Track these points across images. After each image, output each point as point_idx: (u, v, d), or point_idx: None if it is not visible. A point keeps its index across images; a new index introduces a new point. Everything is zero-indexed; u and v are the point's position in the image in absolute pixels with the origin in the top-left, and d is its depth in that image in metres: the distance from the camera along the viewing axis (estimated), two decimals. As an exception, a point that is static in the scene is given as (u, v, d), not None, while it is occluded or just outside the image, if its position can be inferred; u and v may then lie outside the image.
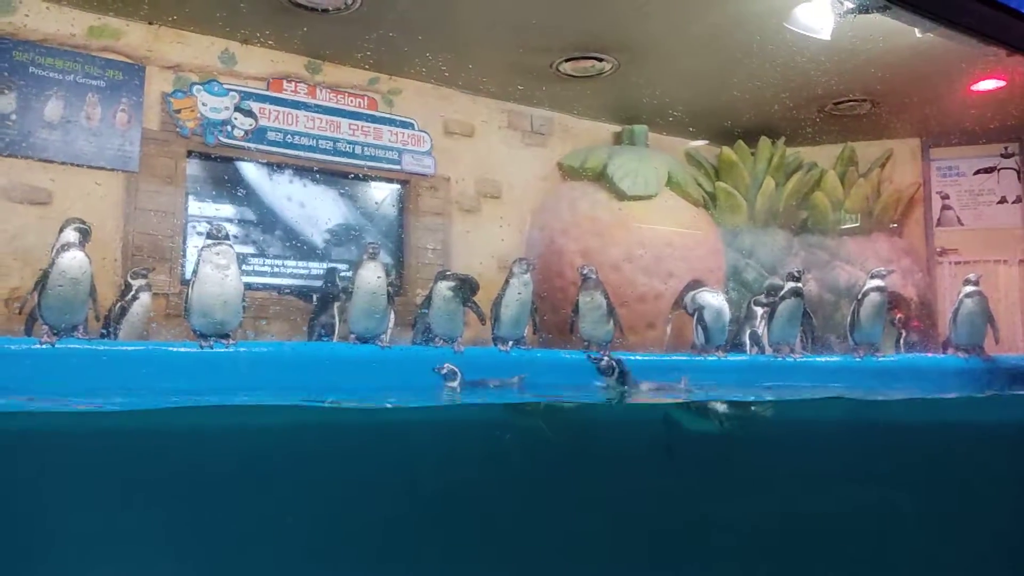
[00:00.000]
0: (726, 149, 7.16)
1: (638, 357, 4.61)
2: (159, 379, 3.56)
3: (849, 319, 5.44)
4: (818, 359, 5.36)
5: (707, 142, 7.28)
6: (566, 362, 4.63)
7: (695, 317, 5.28)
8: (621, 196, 6.37)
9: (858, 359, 5.25)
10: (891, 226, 7.40)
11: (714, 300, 5.19)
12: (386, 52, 5.79)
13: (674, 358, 5.14)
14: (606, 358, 4.16)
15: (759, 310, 5.81)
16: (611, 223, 6.30)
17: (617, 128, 7.15)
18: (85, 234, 3.88)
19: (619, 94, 6.53)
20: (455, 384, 3.96)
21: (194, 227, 5.37)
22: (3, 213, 4.75)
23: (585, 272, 4.94)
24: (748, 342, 5.52)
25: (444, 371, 3.98)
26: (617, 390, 4.10)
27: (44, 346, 3.55)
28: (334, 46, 5.74)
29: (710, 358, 4.96)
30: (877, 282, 5.37)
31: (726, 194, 7.04)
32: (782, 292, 5.28)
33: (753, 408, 4.30)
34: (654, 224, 6.32)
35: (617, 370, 4.10)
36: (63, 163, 4.92)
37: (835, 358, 5.64)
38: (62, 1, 4.93)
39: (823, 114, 6.94)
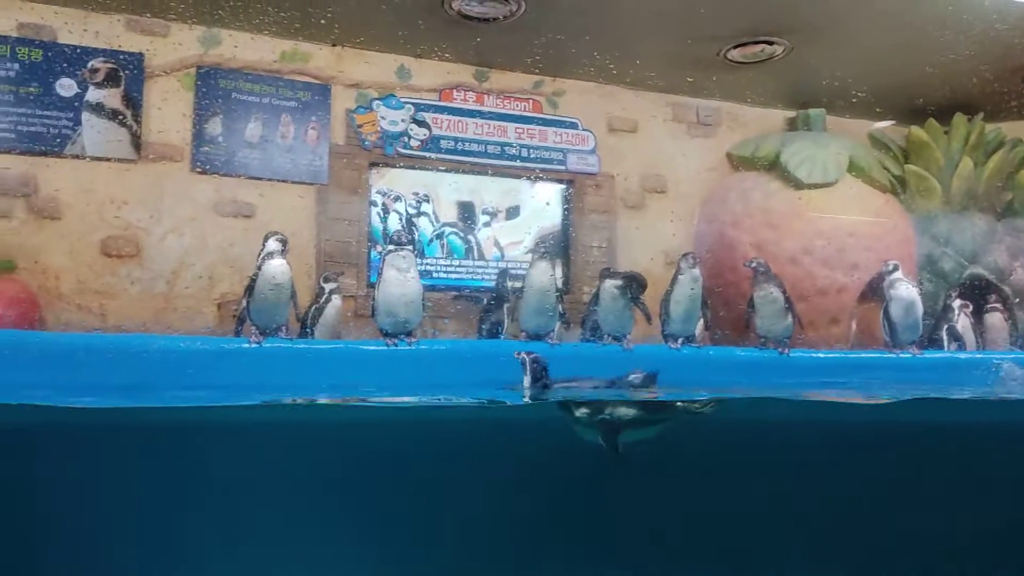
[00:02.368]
0: (915, 129, 6.60)
1: (820, 355, 4.39)
2: (352, 375, 3.85)
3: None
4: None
5: (893, 122, 6.76)
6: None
7: (882, 311, 4.93)
8: (798, 185, 6.05)
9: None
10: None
11: (904, 291, 4.81)
12: (549, 55, 5.89)
13: (860, 356, 4.81)
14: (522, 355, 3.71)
15: (957, 303, 5.34)
16: (787, 214, 6.00)
17: (791, 113, 6.81)
18: (284, 244, 4.26)
19: (792, 78, 6.21)
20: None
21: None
22: (214, 226, 5.31)
23: (754, 265, 4.75)
24: (946, 338, 5.08)
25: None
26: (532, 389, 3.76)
27: (253, 345, 3.93)
28: (500, 53, 5.91)
29: (903, 355, 4.60)
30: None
31: (917, 177, 6.50)
32: None
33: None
34: (835, 213, 5.95)
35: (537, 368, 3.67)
36: (263, 179, 5.42)
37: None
38: (259, 31, 5.43)
39: (1029, 85, 6.24)
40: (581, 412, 3.27)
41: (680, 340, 4.64)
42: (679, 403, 3.54)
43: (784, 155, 6.19)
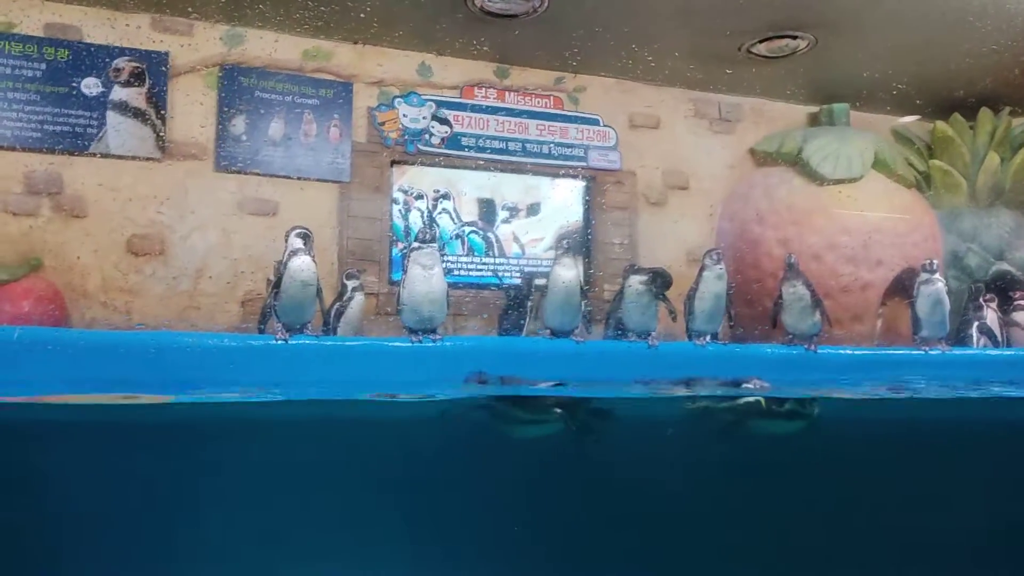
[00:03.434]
0: (940, 124, 6.53)
1: (848, 351, 4.35)
2: (377, 371, 3.85)
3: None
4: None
5: (918, 117, 6.69)
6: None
7: (910, 308, 4.88)
8: (822, 181, 6.00)
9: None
10: None
11: (933, 288, 4.76)
12: (571, 51, 5.87)
13: (888, 352, 4.77)
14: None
15: (984, 299, 5.27)
16: (810, 210, 5.95)
17: (813, 109, 6.75)
18: (307, 238, 4.24)
19: (816, 72, 6.16)
20: None
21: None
22: (237, 224, 5.33)
23: (789, 261, 4.72)
24: (975, 334, 5.01)
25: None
26: None
27: (279, 342, 3.94)
28: (521, 50, 5.89)
29: (932, 352, 4.55)
30: None
31: (942, 173, 6.43)
32: None
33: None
34: (859, 209, 5.89)
35: None
36: (286, 177, 5.44)
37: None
38: (282, 30, 5.44)
39: (1058, 80, 6.15)
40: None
41: (705, 337, 4.61)
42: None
43: (808, 150, 6.14)
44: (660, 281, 4.63)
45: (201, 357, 3.64)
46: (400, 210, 5.80)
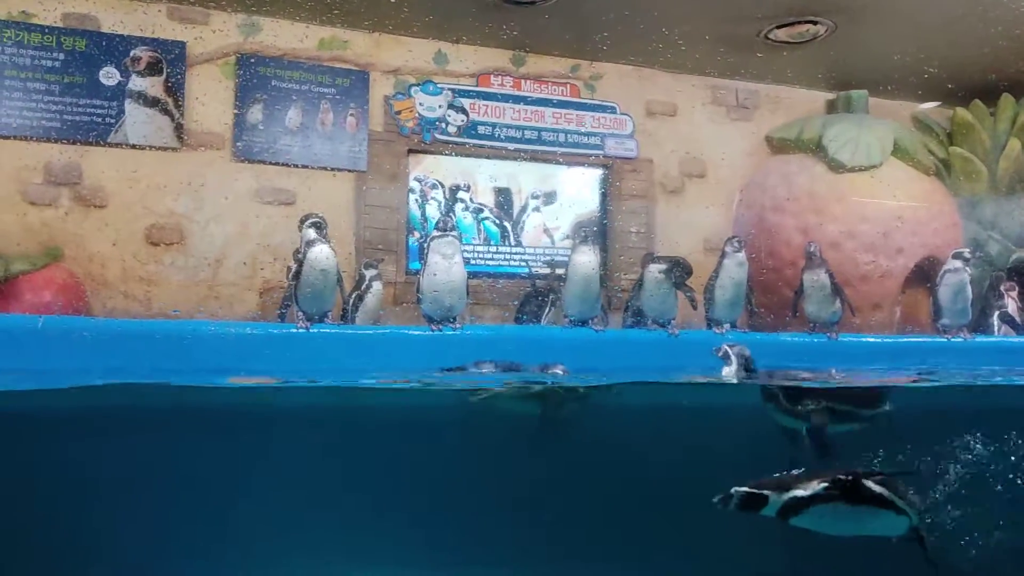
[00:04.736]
0: (960, 110, 6.47)
1: (870, 339, 4.33)
2: (399, 358, 3.86)
3: None
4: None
5: (938, 104, 6.61)
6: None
7: (932, 296, 4.85)
8: (840, 168, 5.95)
9: None
10: None
11: (955, 276, 4.72)
12: (587, 38, 5.83)
13: (910, 340, 4.74)
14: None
15: (1005, 287, 5.23)
16: (829, 197, 5.90)
17: (831, 95, 6.69)
18: (319, 227, 4.23)
19: (835, 58, 6.10)
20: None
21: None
22: (255, 214, 5.33)
23: (810, 250, 4.69)
24: (997, 322, 4.97)
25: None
26: None
27: (300, 331, 3.95)
28: (537, 38, 5.86)
29: (954, 340, 4.52)
30: None
31: (962, 160, 6.37)
32: None
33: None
34: (878, 197, 5.84)
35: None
36: (303, 166, 5.44)
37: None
38: (298, 18, 5.43)
39: (1080, 65, 6.07)
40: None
41: (726, 325, 4.59)
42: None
43: (826, 137, 6.09)
44: (679, 270, 4.61)
45: (225, 345, 3.66)
46: (417, 199, 5.79)
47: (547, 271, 5.24)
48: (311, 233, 4.19)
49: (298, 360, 3.87)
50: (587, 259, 4.51)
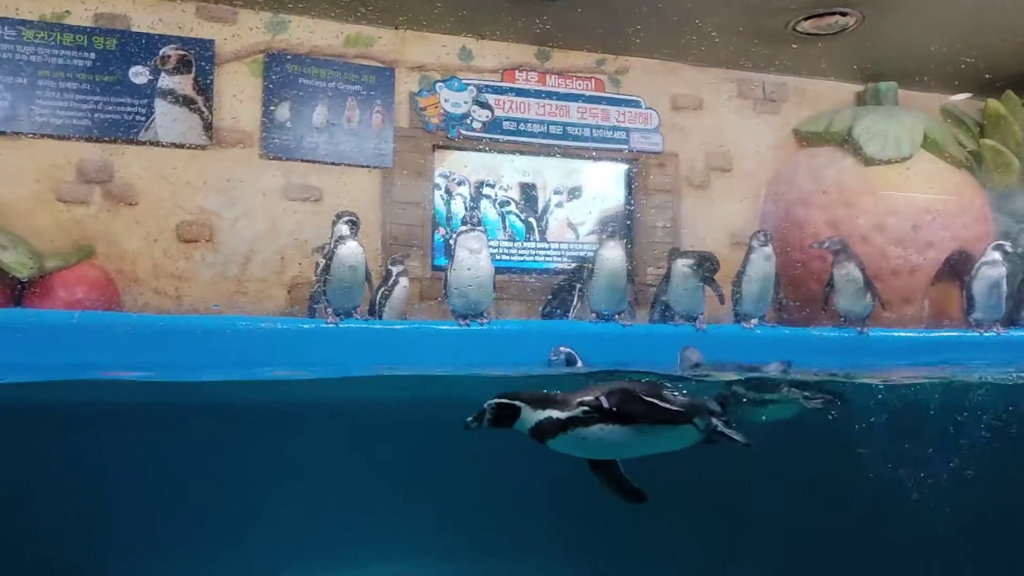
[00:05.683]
0: (992, 101, 6.35)
1: (900, 334, 4.28)
2: (428, 354, 3.88)
3: None
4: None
5: (969, 95, 6.52)
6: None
7: (965, 289, 4.79)
8: (869, 161, 5.88)
9: None
10: None
11: (991, 269, 4.66)
12: (612, 32, 5.80)
13: (942, 335, 4.68)
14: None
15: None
16: (857, 191, 5.83)
17: (859, 87, 6.61)
18: (354, 225, 4.28)
19: (864, 50, 6.02)
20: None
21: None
22: (283, 210, 5.38)
23: (827, 245, 4.65)
24: (1030, 317, 4.90)
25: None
26: None
27: (330, 325, 3.98)
28: (562, 32, 5.84)
29: (987, 334, 4.46)
30: None
31: (993, 152, 6.26)
32: None
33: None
34: (908, 190, 5.77)
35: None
36: (330, 163, 5.47)
37: None
38: (324, 16, 5.46)
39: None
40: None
41: (754, 320, 4.56)
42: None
43: (856, 130, 6.02)
44: (707, 264, 4.60)
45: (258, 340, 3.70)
46: (442, 195, 5.80)
47: (572, 266, 5.22)
48: (344, 229, 4.23)
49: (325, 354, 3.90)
50: (614, 254, 4.51)
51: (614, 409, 2.53)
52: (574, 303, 4.93)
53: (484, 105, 5.84)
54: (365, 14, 5.45)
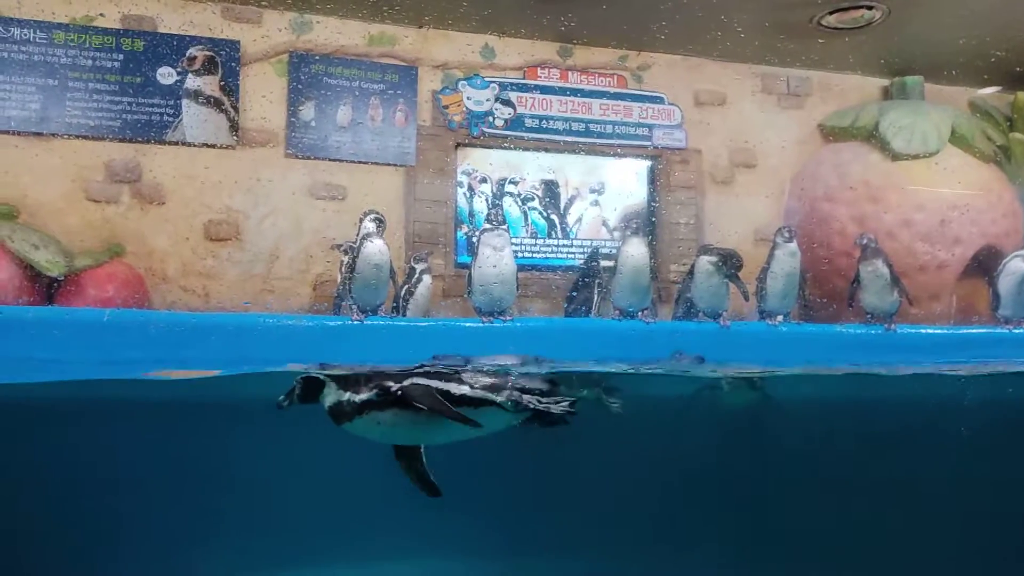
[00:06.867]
0: (1021, 95, 6.26)
1: (929, 330, 4.24)
2: (449, 350, 3.90)
3: None
4: None
5: (998, 89, 6.42)
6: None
7: (990, 285, 4.73)
8: (896, 156, 5.81)
9: None
10: None
11: (1017, 265, 4.60)
12: (634, 28, 5.79)
13: (970, 331, 4.63)
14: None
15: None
16: (884, 186, 5.77)
17: (884, 82, 6.54)
18: (380, 223, 4.32)
19: (889, 44, 5.96)
20: None
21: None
22: (308, 209, 5.43)
23: (864, 241, 4.61)
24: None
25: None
26: None
27: (355, 323, 4.02)
28: (584, 29, 5.83)
29: (1016, 331, 4.40)
30: None
31: (1023, 146, 6.17)
32: None
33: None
34: (935, 185, 5.70)
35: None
36: (354, 162, 5.51)
37: None
38: (348, 15, 5.50)
39: None
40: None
41: (779, 317, 4.54)
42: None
43: (883, 124, 5.95)
44: (731, 262, 4.58)
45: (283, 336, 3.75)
46: (465, 193, 5.83)
47: (592, 262, 5.22)
48: (370, 227, 4.27)
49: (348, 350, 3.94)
50: (637, 251, 4.50)
51: (399, 394, 2.45)
52: (595, 300, 4.93)
53: (506, 102, 5.85)
54: (391, 13, 5.49)
